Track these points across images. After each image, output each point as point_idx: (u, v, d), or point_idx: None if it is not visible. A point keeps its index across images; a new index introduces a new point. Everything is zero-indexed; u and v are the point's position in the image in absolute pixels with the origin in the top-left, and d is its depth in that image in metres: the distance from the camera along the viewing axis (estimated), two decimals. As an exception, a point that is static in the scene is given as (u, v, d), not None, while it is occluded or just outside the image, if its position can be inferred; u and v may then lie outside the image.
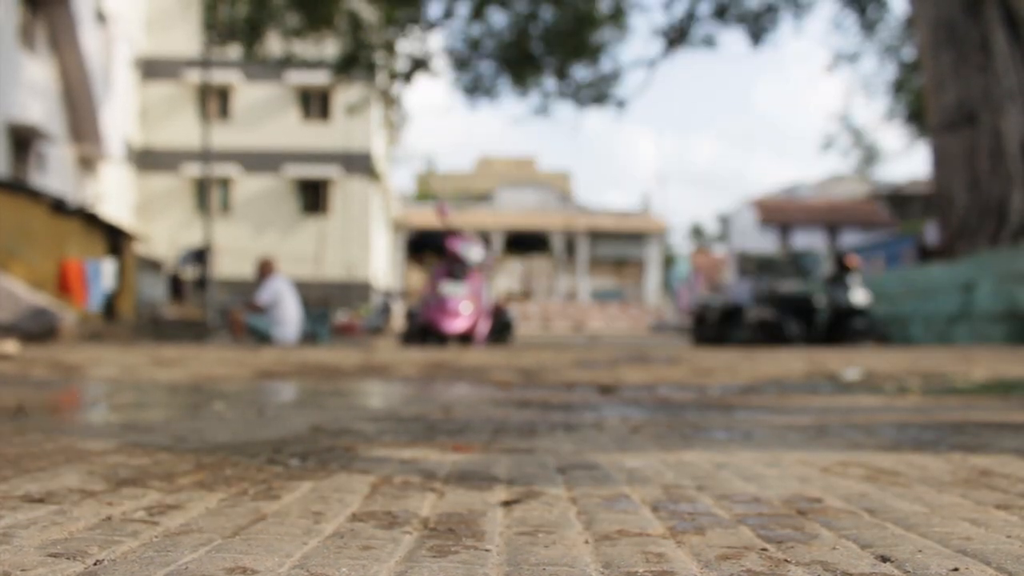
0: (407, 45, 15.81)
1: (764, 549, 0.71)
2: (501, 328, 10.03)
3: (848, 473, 1.09)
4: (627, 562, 0.67)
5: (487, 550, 0.70)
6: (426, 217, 29.96)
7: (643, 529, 0.78)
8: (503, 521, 0.81)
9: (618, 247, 35.41)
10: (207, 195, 18.72)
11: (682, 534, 0.76)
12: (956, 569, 0.64)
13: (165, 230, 25.43)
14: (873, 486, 1.00)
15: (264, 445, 1.29)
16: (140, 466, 1.09)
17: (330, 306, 19.01)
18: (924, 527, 0.79)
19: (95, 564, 0.64)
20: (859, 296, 9.59)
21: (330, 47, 15.40)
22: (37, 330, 7.39)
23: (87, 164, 20.34)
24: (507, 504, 0.88)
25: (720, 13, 15.47)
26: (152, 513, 0.82)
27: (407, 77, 15.75)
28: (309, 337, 11.49)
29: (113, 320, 13.08)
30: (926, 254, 17.34)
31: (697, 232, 70.89)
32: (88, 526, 0.76)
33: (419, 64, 15.61)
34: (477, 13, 14.98)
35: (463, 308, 8.74)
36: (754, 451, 1.28)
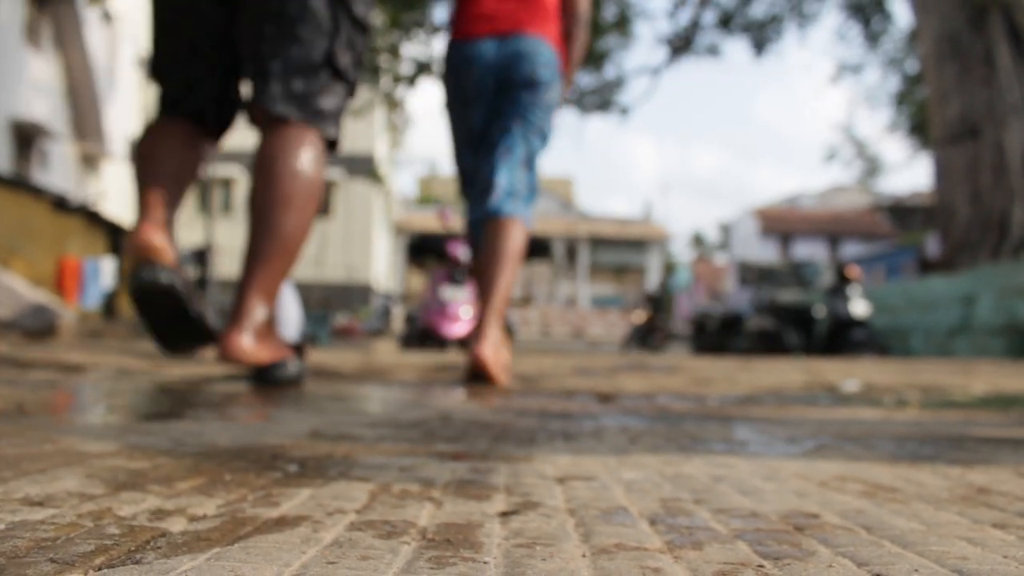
0: (411, 49, 15.84)
1: (761, 566, 0.71)
2: (501, 333, 10.01)
3: (846, 488, 1.09)
4: (624, 577, 0.67)
5: (485, 562, 0.70)
6: (428, 221, 29.97)
7: (640, 543, 0.78)
8: (501, 532, 0.81)
9: (619, 254, 35.43)
10: (209, 195, 18.74)
11: (679, 549, 0.76)
12: (952, 589, 0.65)
13: (166, 229, 25.44)
14: (870, 502, 1.01)
15: (263, 450, 1.29)
16: (139, 470, 1.09)
17: (330, 308, 19.00)
18: (921, 545, 0.79)
19: (96, 570, 0.65)
20: (859, 307, 9.59)
21: (334, 49, 15.42)
22: (37, 328, 7.40)
23: (90, 162, 20.37)
24: (505, 515, 0.88)
25: (724, 22, 15.52)
26: (151, 518, 0.82)
27: (411, 81, 15.78)
28: (309, 339, 11.50)
29: (113, 319, 13.09)
30: (927, 266, 17.36)
31: (698, 240, 70.94)
32: (88, 531, 0.76)
33: (423, 68, 15.64)
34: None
35: (463, 313, 8.75)
36: (752, 464, 1.29)
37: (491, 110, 2.94)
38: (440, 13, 15.30)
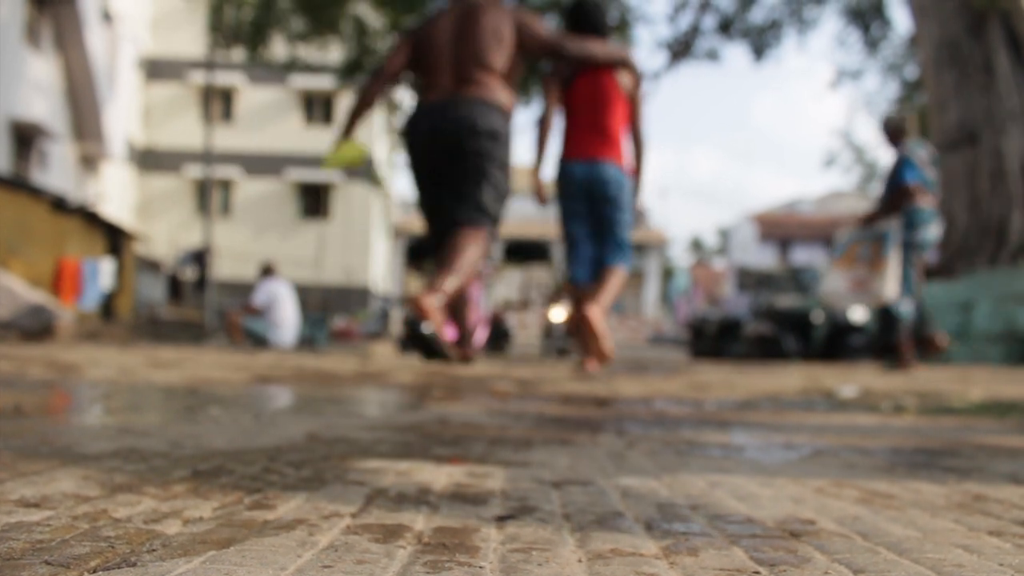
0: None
1: (756, 572, 0.71)
2: (498, 337, 10.04)
3: (842, 495, 1.09)
4: (620, 582, 0.67)
5: (481, 567, 0.70)
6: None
7: (636, 548, 0.78)
8: (497, 537, 0.81)
9: (617, 258, 35.30)
10: (208, 196, 18.71)
11: (675, 554, 0.76)
12: (947, 597, 0.65)
13: (165, 231, 25.44)
14: (867, 509, 1.01)
15: (259, 453, 1.29)
16: (135, 472, 1.09)
17: (328, 310, 18.97)
18: (916, 552, 0.79)
19: (91, 573, 0.65)
20: (857, 313, 9.59)
21: (334, 52, 15.42)
22: (34, 328, 7.39)
23: (89, 163, 20.34)
24: (501, 520, 0.88)
25: (724, 27, 15.50)
26: (147, 521, 0.82)
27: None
28: (307, 341, 11.49)
29: (111, 320, 13.08)
30: (925, 273, 17.35)
31: (697, 245, 70.90)
32: (83, 533, 0.76)
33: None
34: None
35: (461, 316, 8.70)
36: (748, 469, 1.29)
37: (587, 205, 4.64)
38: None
